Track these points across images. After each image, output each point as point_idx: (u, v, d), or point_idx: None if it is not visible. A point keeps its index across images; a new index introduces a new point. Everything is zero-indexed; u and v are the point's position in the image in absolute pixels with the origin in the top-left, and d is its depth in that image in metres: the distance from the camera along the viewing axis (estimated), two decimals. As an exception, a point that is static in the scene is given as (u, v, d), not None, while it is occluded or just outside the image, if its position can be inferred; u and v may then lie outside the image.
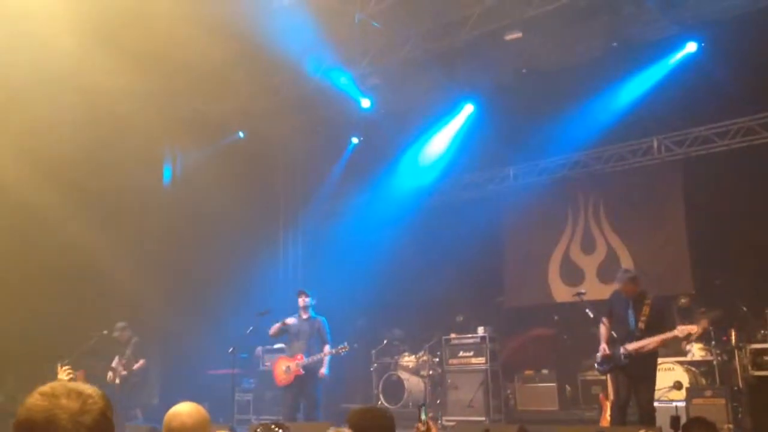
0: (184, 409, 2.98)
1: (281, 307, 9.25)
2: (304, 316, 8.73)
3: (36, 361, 9.20)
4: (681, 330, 6.84)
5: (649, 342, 6.84)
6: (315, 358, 8.44)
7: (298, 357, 8.51)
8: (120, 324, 9.72)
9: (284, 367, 8.61)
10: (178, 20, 9.04)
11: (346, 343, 8.49)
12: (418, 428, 3.61)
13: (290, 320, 8.72)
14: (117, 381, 9.45)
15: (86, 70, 10.29)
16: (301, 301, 8.74)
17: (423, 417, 3.53)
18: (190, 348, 11.45)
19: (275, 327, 8.77)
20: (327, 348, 8.55)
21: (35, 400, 1.56)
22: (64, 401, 1.55)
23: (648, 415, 6.78)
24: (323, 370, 8.44)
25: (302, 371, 8.43)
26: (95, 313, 10.10)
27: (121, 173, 11.04)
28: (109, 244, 10.73)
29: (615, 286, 7.42)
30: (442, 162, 12.68)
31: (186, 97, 11.72)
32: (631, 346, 6.88)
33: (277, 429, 3.50)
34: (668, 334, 6.88)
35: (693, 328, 6.91)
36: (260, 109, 12.30)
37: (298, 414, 8.56)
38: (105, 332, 9.59)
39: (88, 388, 1.61)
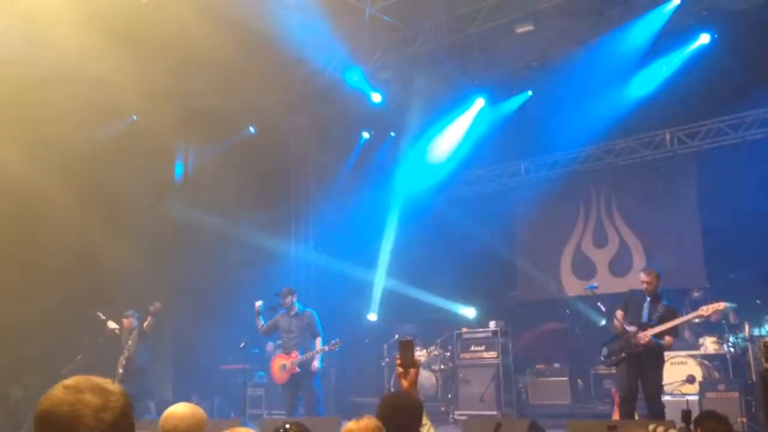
0: (178, 412, 2.87)
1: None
2: (292, 313, 8.78)
3: (53, 355, 9.29)
4: (706, 309, 6.80)
5: (673, 324, 6.80)
6: (309, 355, 8.48)
7: (293, 355, 8.55)
8: (129, 312, 9.75)
9: (280, 366, 8.67)
10: (191, 16, 9.08)
11: (338, 339, 8.51)
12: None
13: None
14: (120, 370, 9.41)
15: (99, 67, 10.36)
16: (288, 300, 8.78)
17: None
18: (203, 343, 11.51)
19: (264, 327, 8.85)
20: (319, 342, 8.58)
21: (59, 393, 1.56)
22: (88, 396, 1.55)
23: (656, 408, 6.75)
24: (315, 363, 8.49)
25: (298, 369, 8.47)
26: (107, 308, 10.17)
27: (133, 169, 11.09)
28: (121, 240, 10.80)
29: (633, 281, 7.40)
30: (453, 156, 12.64)
31: (198, 93, 11.77)
32: (653, 330, 6.83)
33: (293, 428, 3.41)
34: (693, 314, 6.87)
35: (720, 305, 6.80)
36: (271, 105, 12.33)
37: (299, 410, 8.59)
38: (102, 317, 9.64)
39: (111, 385, 1.62)
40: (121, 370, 9.36)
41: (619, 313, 7.24)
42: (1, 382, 9.64)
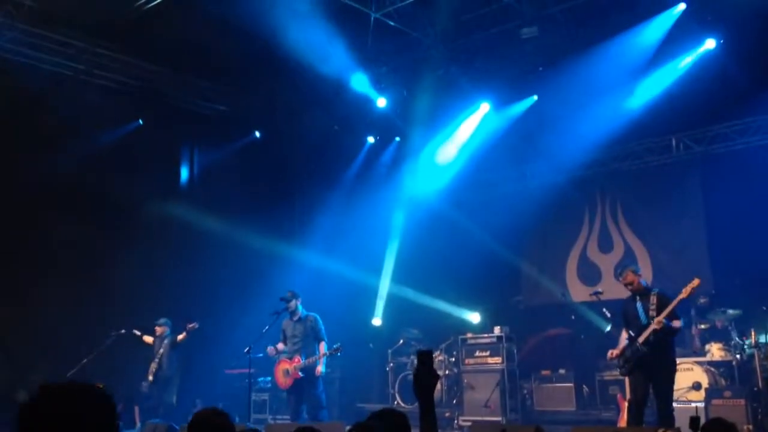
0: (206, 415, 3.04)
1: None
2: (295, 317, 8.78)
3: (59, 360, 9.29)
4: (685, 291, 6.80)
5: (663, 315, 6.77)
6: (312, 359, 8.47)
7: (296, 360, 8.54)
8: (161, 320, 9.79)
9: (283, 371, 8.66)
10: (196, 21, 9.10)
11: (339, 344, 8.53)
12: None
13: (280, 345, 8.86)
14: (150, 377, 9.47)
15: (105, 68, 10.41)
16: (292, 304, 8.77)
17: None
18: (207, 347, 11.49)
19: (271, 350, 8.87)
20: (323, 347, 8.58)
21: None
22: None
23: (667, 415, 6.70)
24: (319, 368, 8.49)
25: (300, 374, 8.46)
26: (113, 312, 10.17)
27: (139, 173, 11.11)
28: (125, 243, 10.80)
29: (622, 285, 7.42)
30: (458, 161, 12.62)
31: (203, 98, 11.79)
32: (647, 332, 6.81)
33: None
34: (677, 298, 6.84)
35: (695, 282, 6.80)
36: (277, 109, 12.35)
37: (303, 416, 8.58)
38: (123, 331, 9.65)
39: None
40: (150, 377, 9.44)
41: (623, 335, 7.22)
42: (8, 387, 9.63)
